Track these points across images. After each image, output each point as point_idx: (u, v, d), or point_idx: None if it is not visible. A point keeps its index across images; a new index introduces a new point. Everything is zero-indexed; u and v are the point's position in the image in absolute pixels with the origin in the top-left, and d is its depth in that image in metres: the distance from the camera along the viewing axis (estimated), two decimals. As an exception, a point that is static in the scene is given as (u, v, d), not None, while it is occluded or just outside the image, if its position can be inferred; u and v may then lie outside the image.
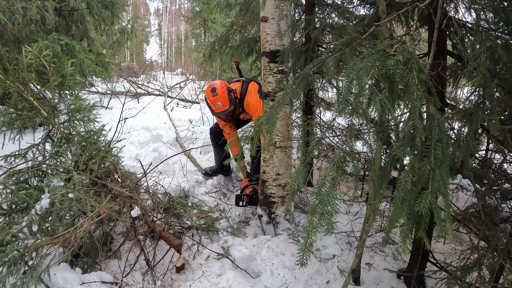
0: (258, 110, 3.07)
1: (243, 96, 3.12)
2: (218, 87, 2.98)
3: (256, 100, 3.08)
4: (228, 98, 2.97)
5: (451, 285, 1.79)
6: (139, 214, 2.32)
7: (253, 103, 3.08)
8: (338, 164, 1.06)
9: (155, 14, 39.30)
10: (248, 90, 3.12)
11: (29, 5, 4.48)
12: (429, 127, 1.10)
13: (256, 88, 3.16)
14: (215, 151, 3.65)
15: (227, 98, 2.97)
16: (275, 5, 2.47)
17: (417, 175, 1.06)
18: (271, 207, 2.69)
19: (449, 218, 1.09)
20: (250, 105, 3.10)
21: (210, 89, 2.99)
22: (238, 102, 3.13)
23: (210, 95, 2.98)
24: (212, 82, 3.11)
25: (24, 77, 2.30)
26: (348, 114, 1.08)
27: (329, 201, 1.05)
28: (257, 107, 3.07)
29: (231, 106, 3.00)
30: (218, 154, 3.59)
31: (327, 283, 2.16)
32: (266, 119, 1.31)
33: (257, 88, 3.16)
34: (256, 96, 3.09)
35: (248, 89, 3.12)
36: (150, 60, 20.01)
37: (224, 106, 2.99)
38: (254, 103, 3.08)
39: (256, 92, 3.12)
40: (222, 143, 3.46)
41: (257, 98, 3.08)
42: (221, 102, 2.96)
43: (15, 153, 2.40)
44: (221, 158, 3.53)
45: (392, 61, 1.07)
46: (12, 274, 1.86)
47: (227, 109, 3.00)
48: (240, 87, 3.17)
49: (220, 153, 3.56)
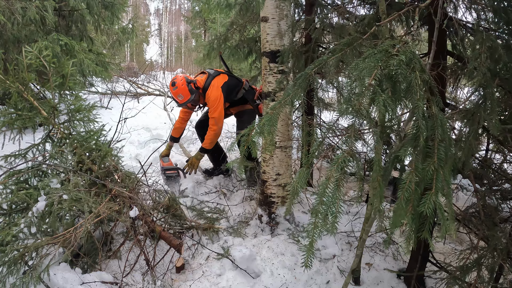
0: (215, 107, 3.18)
1: (205, 89, 3.25)
2: (178, 80, 3.20)
3: (215, 97, 3.18)
4: (188, 89, 3.17)
5: (450, 285, 1.79)
6: (139, 214, 2.32)
7: (212, 99, 3.19)
8: (342, 165, 1.06)
9: (155, 14, 39.28)
10: (211, 85, 3.23)
11: (28, 5, 4.48)
12: (432, 127, 1.10)
13: (219, 83, 3.24)
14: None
15: (187, 89, 3.17)
16: (275, 5, 2.47)
17: (421, 176, 1.06)
18: (271, 207, 2.69)
19: (452, 218, 1.08)
20: (210, 100, 3.22)
21: (171, 83, 3.21)
22: (202, 92, 3.27)
23: (171, 89, 3.20)
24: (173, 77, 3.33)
25: (24, 77, 2.30)
26: (350, 115, 1.08)
27: (334, 202, 1.05)
28: (214, 104, 3.17)
29: (192, 95, 3.18)
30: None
31: (327, 283, 2.16)
32: (268, 120, 1.31)
33: (221, 84, 3.23)
34: (217, 92, 3.19)
35: (211, 83, 3.24)
36: (150, 60, 20.00)
37: (186, 97, 3.18)
38: (213, 99, 3.18)
39: (218, 88, 3.21)
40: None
41: (217, 95, 3.19)
42: (182, 93, 3.17)
43: (15, 153, 2.39)
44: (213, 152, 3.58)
45: (395, 61, 1.07)
46: (12, 274, 1.85)
47: (189, 99, 3.19)
48: (204, 80, 3.29)
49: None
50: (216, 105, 3.17)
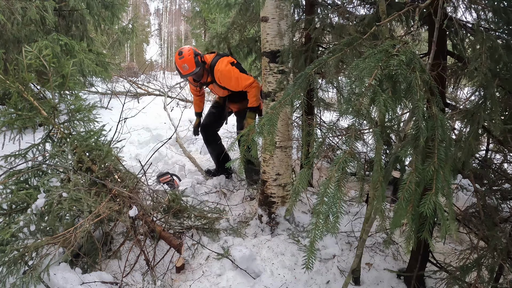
0: (234, 77, 3.06)
1: (212, 66, 3.15)
2: (185, 50, 3.12)
3: (228, 70, 3.06)
4: (194, 60, 3.09)
5: (450, 285, 1.79)
6: (139, 214, 2.32)
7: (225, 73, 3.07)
8: (342, 165, 1.06)
9: (155, 14, 39.30)
10: (219, 61, 3.13)
11: (28, 5, 4.48)
12: (432, 127, 1.10)
13: (229, 60, 3.14)
14: (209, 148, 3.65)
15: (193, 60, 3.09)
16: (275, 5, 2.47)
17: (421, 176, 1.06)
18: (271, 207, 2.69)
19: (452, 218, 1.08)
20: (222, 75, 3.10)
21: (178, 52, 3.14)
22: (209, 69, 3.18)
23: (177, 58, 3.12)
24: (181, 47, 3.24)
25: (24, 77, 2.30)
26: (350, 115, 1.08)
27: (335, 202, 1.05)
28: (228, 75, 3.06)
29: (197, 68, 3.10)
30: (213, 151, 3.60)
31: (327, 283, 2.16)
32: (268, 120, 1.31)
33: (231, 61, 3.14)
34: (228, 66, 3.08)
35: (219, 60, 3.14)
36: (150, 60, 20.00)
37: (191, 68, 3.10)
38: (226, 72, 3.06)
39: (228, 63, 3.10)
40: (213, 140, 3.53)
41: (228, 68, 3.06)
42: (187, 64, 3.09)
43: (15, 153, 2.39)
44: (217, 155, 3.54)
45: (395, 61, 1.07)
46: (12, 274, 1.85)
47: (193, 71, 3.11)
48: (212, 57, 3.21)
49: (214, 150, 3.57)
50: (232, 76, 3.06)
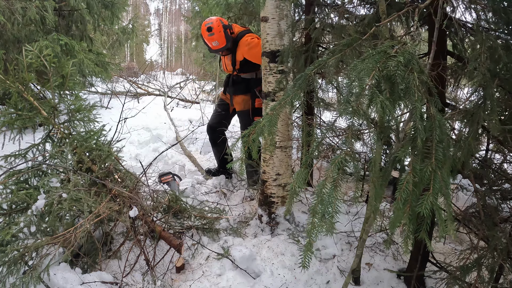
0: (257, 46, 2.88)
1: (240, 36, 3.04)
2: (214, 25, 2.96)
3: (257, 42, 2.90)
4: (224, 35, 2.99)
5: (451, 285, 1.79)
6: (139, 214, 2.32)
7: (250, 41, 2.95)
8: (339, 165, 1.06)
9: (155, 14, 39.28)
10: (248, 34, 3.02)
11: (28, 5, 4.48)
12: (430, 128, 1.10)
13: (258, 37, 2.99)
14: (214, 149, 3.61)
15: (224, 35, 2.99)
16: (275, 5, 2.47)
17: (419, 176, 1.06)
18: (271, 207, 2.69)
19: (450, 218, 1.09)
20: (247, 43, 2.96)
21: (206, 28, 2.98)
22: (235, 38, 3.07)
23: (206, 34, 2.99)
24: (207, 19, 3.03)
25: (24, 77, 2.30)
26: (349, 115, 1.08)
27: (330, 202, 1.05)
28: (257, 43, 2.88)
29: (227, 43, 3.01)
30: (218, 152, 3.54)
31: (327, 283, 2.16)
32: (268, 121, 1.31)
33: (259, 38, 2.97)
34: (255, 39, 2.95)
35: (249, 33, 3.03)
36: (150, 60, 20.01)
37: (221, 44, 3.01)
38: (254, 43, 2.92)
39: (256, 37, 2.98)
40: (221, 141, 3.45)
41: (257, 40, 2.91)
42: (218, 40, 2.99)
43: (15, 153, 2.40)
44: (221, 155, 3.52)
45: (393, 62, 1.07)
46: (12, 274, 1.85)
47: (224, 46, 3.03)
48: (240, 30, 3.10)
49: (220, 151, 3.53)
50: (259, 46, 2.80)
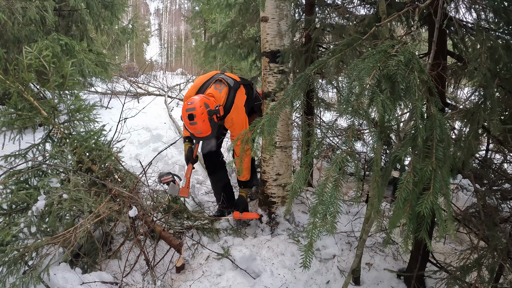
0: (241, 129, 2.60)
1: (227, 111, 2.64)
2: (198, 113, 2.42)
3: (242, 120, 2.65)
4: (209, 124, 2.48)
5: (451, 285, 1.79)
6: (139, 214, 2.32)
7: (238, 123, 2.65)
8: (340, 165, 1.06)
9: (155, 14, 39.31)
10: (234, 105, 2.65)
11: (28, 5, 4.49)
12: (431, 127, 1.10)
13: (243, 100, 2.70)
14: (214, 178, 3.00)
15: (209, 125, 2.48)
16: (275, 5, 2.47)
17: (419, 176, 1.06)
18: (271, 207, 2.69)
19: (450, 218, 1.09)
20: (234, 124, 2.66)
21: (187, 115, 2.43)
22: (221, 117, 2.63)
23: (188, 122, 2.47)
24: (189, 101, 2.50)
25: (24, 77, 2.30)
26: (349, 115, 1.08)
27: (332, 202, 1.05)
28: (241, 127, 2.63)
29: (213, 131, 2.54)
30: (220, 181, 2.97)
31: (327, 283, 2.16)
32: (268, 121, 1.31)
33: (244, 100, 2.72)
34: (243, 113, 2.67)
35: (234, 103, 2.65)
36: (150, 60, 20.01)
37: (205, 133, 2.51)
38: (239, 122, 2.65)
39: (242, 107, 2.68)
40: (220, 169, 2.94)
41: (243, 117, 2.66)
42: (201, 129, 2.48)
43: (15, 153, 2.40)
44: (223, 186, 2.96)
45: (394, 61, 1.07)
46: (12, 274, 1.85)
47: (209, 135, 2.55)
48: (225, 98, 2.65)
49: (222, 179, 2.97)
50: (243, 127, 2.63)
